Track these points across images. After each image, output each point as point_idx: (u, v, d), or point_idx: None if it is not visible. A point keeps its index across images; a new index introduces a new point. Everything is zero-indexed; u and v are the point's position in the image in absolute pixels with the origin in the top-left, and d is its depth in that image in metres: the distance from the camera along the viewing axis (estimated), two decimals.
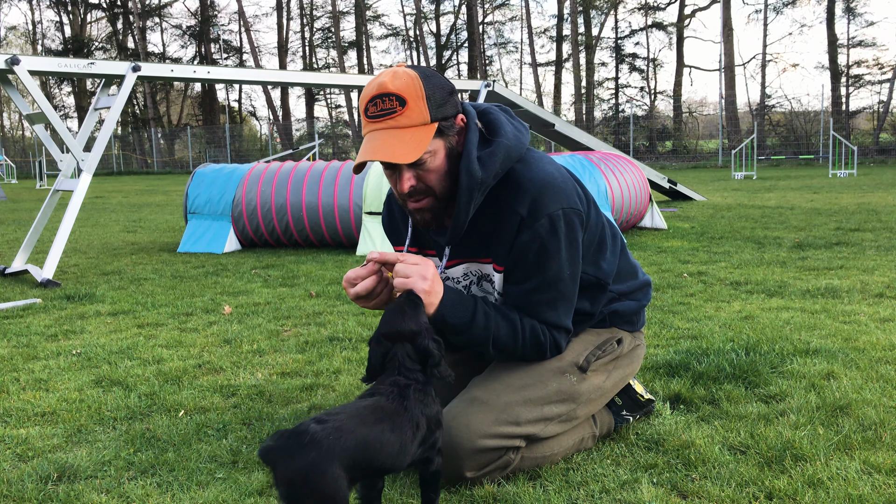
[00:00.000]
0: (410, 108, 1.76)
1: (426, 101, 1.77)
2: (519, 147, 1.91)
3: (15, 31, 51.08)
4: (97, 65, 6.01)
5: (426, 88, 1.77)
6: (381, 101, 1.77)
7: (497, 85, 9.31)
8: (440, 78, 1.83)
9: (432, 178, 1.85)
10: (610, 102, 39.94)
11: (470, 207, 1.87)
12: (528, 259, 1.89)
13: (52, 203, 5.92)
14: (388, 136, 1.77)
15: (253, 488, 1.95)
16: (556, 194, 1.88)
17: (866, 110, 32.97)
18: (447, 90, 1.82)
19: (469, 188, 1.84)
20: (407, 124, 1.77)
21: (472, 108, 1.97)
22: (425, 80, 1.79)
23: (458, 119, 1.86)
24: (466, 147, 1.86)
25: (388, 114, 1.77)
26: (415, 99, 1.76)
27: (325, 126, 42.50)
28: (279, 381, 2.90)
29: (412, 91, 1.76)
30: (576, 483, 1.94)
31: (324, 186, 6.67)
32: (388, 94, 1.76)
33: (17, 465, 2.16)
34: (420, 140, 1.76)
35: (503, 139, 1.89)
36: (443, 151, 1.83)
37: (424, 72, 1.81)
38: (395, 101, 1.76)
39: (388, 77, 1.78)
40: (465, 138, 1.89)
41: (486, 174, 1.85)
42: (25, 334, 3.78)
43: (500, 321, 1.93)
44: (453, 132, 1.85)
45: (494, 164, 1.86)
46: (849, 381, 2.64)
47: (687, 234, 7.27)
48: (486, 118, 1.96)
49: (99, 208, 13.33)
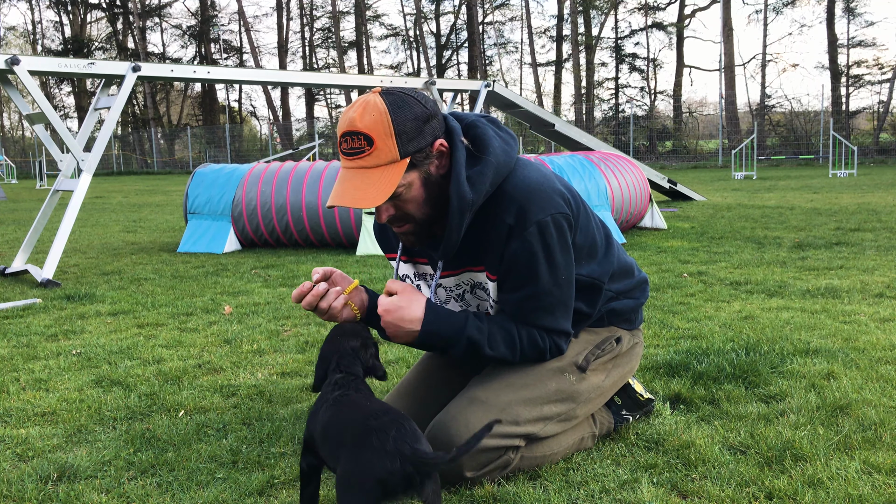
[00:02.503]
0: (378, 147, 1.74)
1: (395, 137, 1.74)
2: (507, 163, 1.89)
3: (14, 31, 51.14)
4: (97, 65, 6.01)
5: (395, 124, 1.74)
6: (351, 139, 1.75)
7: (497, 85, 9.31)
8: (414, 105, 1.78)
9: (410, 207, 1.84)
10: (610, 102, 39.97)
11: (462, 228, 1.86)
12: (520, 267, 1.89)
13: (52, 203, 5.93)
14: (357, 177, 1.76)
15: (253, 488, 1.95)
16: (543, 201, 1.87)
17: (866, 110, 32.98)
18: (421, 119, 1.78)
19: (460, 210, 1.83)
20: (375, 164, 1.75)
21: (459, 120, 1.94)
22: (395, 112, 1.74)
23: (437, 145, 1.82)
24: (455, 168, 1.83)
25: (357, 153, 1.75)
26: (382, 137, 1.73)
27: (325, 126, 42.47)
28: (279, 381, 2.90)
29: (380, 128, 1.73)
30: (576, 483, 1.94)
31: (324, 186, 6.67)
32: (356, 133, 1.74)
33: (17, 465, 2.16)
34: (388, 180, 1.75)
35: (492, 156, 1.86)
36: (419, 181, 1.82)
37: (396, 102, 1.76)
38: (362, 140, 1.74)
39: (358, 112, 1.75)
40: (451, 159, 1.86)
41: (475, 195, 1.83)
42: (25, 334, 3.78)
43: (496, 331, 1.94)
44: (430, 161, 1.82)
45: (484, 184, 1.84)
46: (849, 381, 2.64)
47: (687, 234, 7.27)
48: (472, 132, 1.92)
49: (99, 208, 13.33)
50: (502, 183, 1.89)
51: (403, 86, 9.29)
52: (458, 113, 1.98)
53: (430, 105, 1.82)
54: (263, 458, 2.15)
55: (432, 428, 1.92)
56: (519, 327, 1.95)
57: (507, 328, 1.95)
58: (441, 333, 1.90)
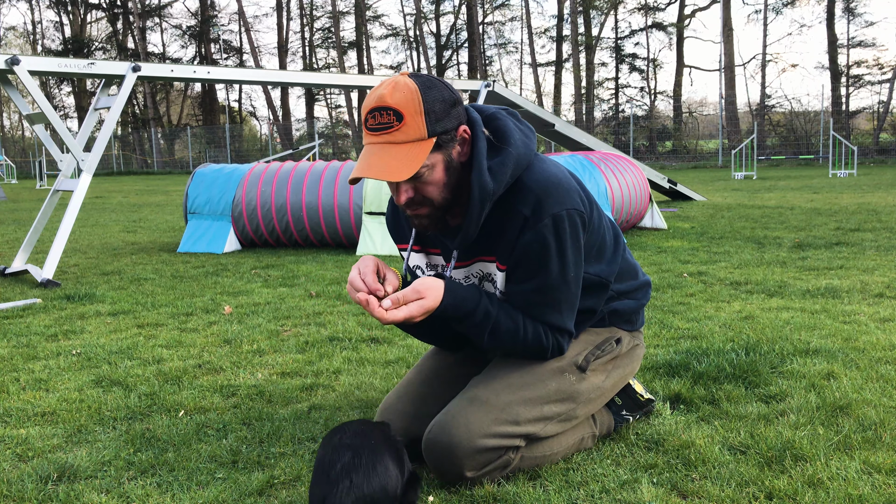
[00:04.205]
0: (407, 123, 1.75)
1: (424, 115, 1.75)
2: (528, 154, 1.91)
3: (14, 31, 51.17)
4: (97, 65, 6.01)
5: (425, 102, 1.76)
6: (380, 115, 1.76)
7: (497, 85, 9.31)
8: (442, 89, 1.80)
9: (430, 190, 1.84)
10: (610, 102, 39.97)
11: (481, 218, 1.87)
12: (531, 259, 1.89)
13: (52, 203, 5.93)
14: (384, 151, 1.76)
15: (253, 488, 1.95)
16: (561, 195, 1.88)
17: (866, 110, 32.99)
18: (449, 102, 1.80)
19: (481, 200, 1.83)
20: (403, 140, 1.76)
21: (479, 112, 1.95)
22: (426, 92, 1.76)
23: (461, 130, 1.84)
24: (476, 157, 1.84)
25: (385, 128, 1.76)
26: (412, 114, 1.75)
27: (325, 126, 42.52)
28: (279, 381, 2.90)
29: (410, 106, 1.75)
30: (576, 483, 1.94)
31: (324, 186, 6.67)
32: (386, 108, 1.75)
33: (17, 465, 2.16)
34: (415, 157, 1.75)
35: (513, 148, 1.87)
36: (441, 165, 1.82)
37: (426, 83, 1.79)
38: (392, 115, 1.75)
39: (389, 89, 1.76)
40: (472, 148, 1.87)
41: (496, 185, 1.84)
42: (25, 334, 3.78)
43: (503, 317, 1.94)
44: (453, 145, 1.83)
45: (505, 175, 1.85)
46: (849, 381, 2.64)
47: (687, 234, 7.27)
48: (493, 124, 1.94)
49: (99, 208, 13.33)
50: (521, 174, 1.90)
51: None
52: (477, 105, 1.99)
53: (456, 92, 1.84)
54: (263, 458, 2.15)
55: (432, 428, 1.92)
56: (525, 318, 1.96)
57: (514, 315, 1.95)
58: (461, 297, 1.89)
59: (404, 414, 2.10)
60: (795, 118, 32.20)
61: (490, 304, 1.94)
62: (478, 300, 1.92)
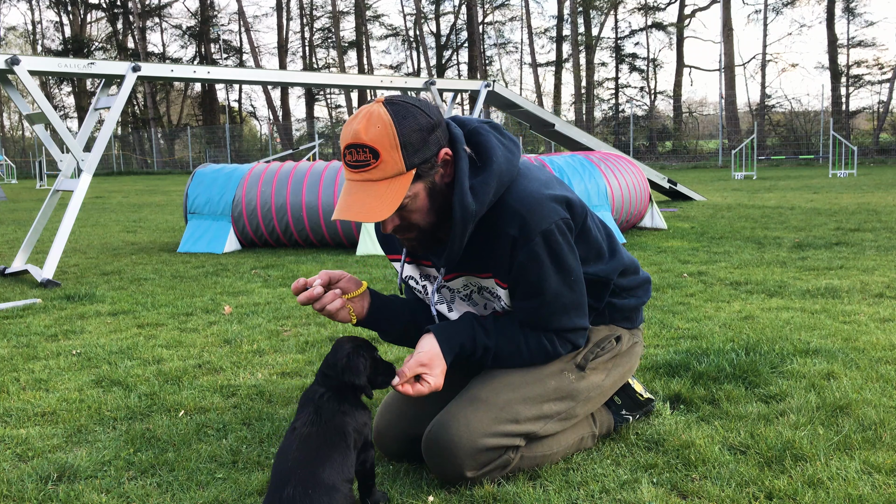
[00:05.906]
0: (384, 160, 1.72)
1: (401, 149, 1.73)
2: (510, 171, 1.88)
3: (14, 31, 51.14)
4: (97, 65, 6.01)
5: (401, 136, 1.72)
6: (356, 152, 1.74)
7: (497, 85, 9.31)
8: (418, 116, 1.76)
9: (415, 217, 1.84)
10: (610, 102, 39.98)
11: (465, 238, 1.86)
12: (530, 278, 1.89)
13: (52, 203, 5.93)
14: (363, 191, 1.75)
15: (253, 488, 1.95)
16: (545, 211, 1.86)
17: (866, 110, 32.99)
18: (426, 129, 1.76)
19: (463, 220, 1.82)
20: (381, 177, 1.74)
21: (462, 125, 1.93)
22: (400, 123, 1.72)
23: (442, 154, 1.81)
24: (458, 177, 1.82)
25: (363, 166, 1.74)
26: (388, 150, 1.72)
27: (325, 126, 42.48)
28: (279, 381, 2.90)
29: (385, 141, 1.72)
30: (576, 483, 1.94)
31: (324, 186, 6.67)
32: (362, 146, 1.72)
33: (17, 465, 2.16)
34: (394, 193, 1.74)
35: (495, 165, 1.85)
36: (424, 192, 1.81)
37: (400, 112, 1.74)
38: (368, 153, 1.72)
39: (363, 124, 1.73)
40: (454, 168, 1.85)
41: (479, 206, 1.83)
42: (25, 334, 3.78)
43: (502, 343, 1.98)
44: (435, 171, 1.81)
45: (487, 194, 1.83)
46: (849, 381, 2.64)
47: (687, 234, 7.27)
48: (475, 140, 1.91)
49: (99, 208, 13.33)
50: (504, 193, 1.88)
51: (404, 86, 9.20)
52: (460, 118, 1.97)
53: (434, 113, 1.80)
54: (263, 458, 2.15)
55: (432, 427, 1.92)
56: (527, 332, 1.98)
57: (511, 336, 1.98)
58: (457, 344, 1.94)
59: (404, 414, 2.10)
60: (795, 118, 32.20)
61: (486, 336, 1.96)
62: (473, 339, 1.95)
